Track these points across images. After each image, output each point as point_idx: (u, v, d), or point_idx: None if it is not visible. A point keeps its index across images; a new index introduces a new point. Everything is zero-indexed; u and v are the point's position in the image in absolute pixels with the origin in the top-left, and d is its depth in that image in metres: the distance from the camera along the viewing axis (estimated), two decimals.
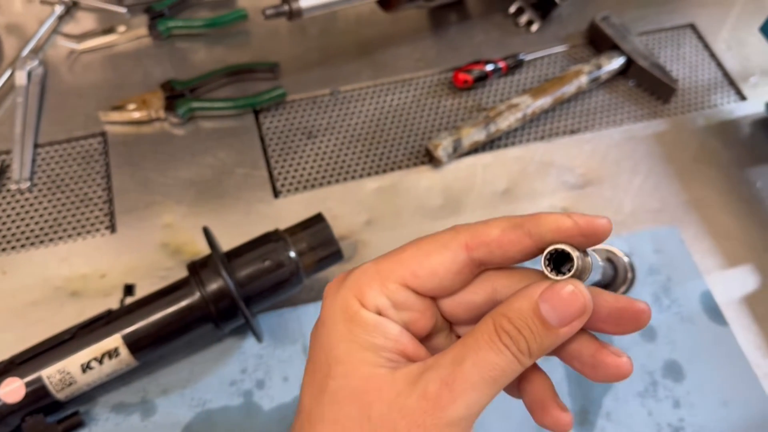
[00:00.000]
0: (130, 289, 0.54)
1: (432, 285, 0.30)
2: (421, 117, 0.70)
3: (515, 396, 0.33)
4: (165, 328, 0.49)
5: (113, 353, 0.48)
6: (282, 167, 0.66)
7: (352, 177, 0.66)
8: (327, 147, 0.68)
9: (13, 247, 0.60)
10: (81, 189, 0.64)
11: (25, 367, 0.47)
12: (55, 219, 0.62)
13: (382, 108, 0.71)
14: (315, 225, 0.53)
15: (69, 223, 0.61)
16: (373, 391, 0.28)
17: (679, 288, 0.59)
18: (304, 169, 0.66)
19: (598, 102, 0.72)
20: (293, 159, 0.66)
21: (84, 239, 0.60)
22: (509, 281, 0.31)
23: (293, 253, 0.51)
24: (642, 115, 0.71)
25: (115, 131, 0.68)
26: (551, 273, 0.28)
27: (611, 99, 0.73)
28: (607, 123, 0.71)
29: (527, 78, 0.74)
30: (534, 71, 0.75)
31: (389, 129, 0.69)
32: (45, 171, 0.65)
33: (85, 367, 0.48)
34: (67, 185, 0.64)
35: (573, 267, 0.28)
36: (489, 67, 0.72)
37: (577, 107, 0.72)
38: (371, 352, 0.29)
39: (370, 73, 0.73)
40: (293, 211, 0.61)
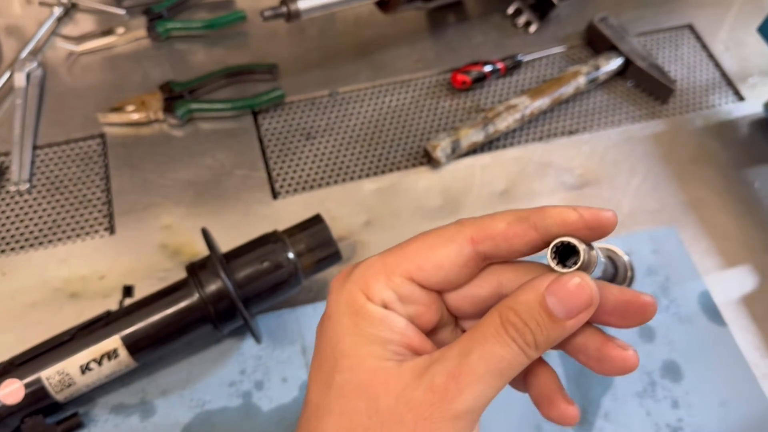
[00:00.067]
0: (129, 291, 0.54)
1: (437, 278, 0.30)
2: (420, 118, 0.70)
3: (521, 390, 0.33)
4: (164, 329, 0.49)
5: (112, 354, 0.48)
6: (281, 168, 0.66)
7: (350, 178, 0.66)
8: (326, 148, 0.68)
9: (13, 249, 0.60)
10: (80, 190, 0.64)
11: (25, 369, 0.47)
12: (54, 220, 0.62)
13: (380, 109, 0.71)
14: (314, 226, 0.53)
15: (68, 225, 0.61)
16: (380, 384, 0.28)
17: (678, 288, 0.59)
18: (302, 170, 0.66)
19: (596, 103, 0.72)
20: (292, 160, 0.67)
21: (83, 241, 0.60)
22: (515, 275, 0.31)
23: (292, 255, 0.51)
24: (640, 116, 0.71)
25: (114, 133, 0.68)
26: (557, 266, 0.28)
27: (609, 100, 0.73)
28: (606, 124, 0.71)
29: (525, 79, 0.74)
30: (532, 72, 0.75)
31: (388, 130, 0.69)
32: (44, 172, 0.65)
33: (85, 369, 0.48)
34: (66, 187, 0.64)
35: (579, 260, 0.28)
36: (487, 68, 0.72)
37: (576, 108, 0.72)
38: (378, 345, 0.29)
39: (368, 75, 0.73)
40: (292, 212, 0.61)
